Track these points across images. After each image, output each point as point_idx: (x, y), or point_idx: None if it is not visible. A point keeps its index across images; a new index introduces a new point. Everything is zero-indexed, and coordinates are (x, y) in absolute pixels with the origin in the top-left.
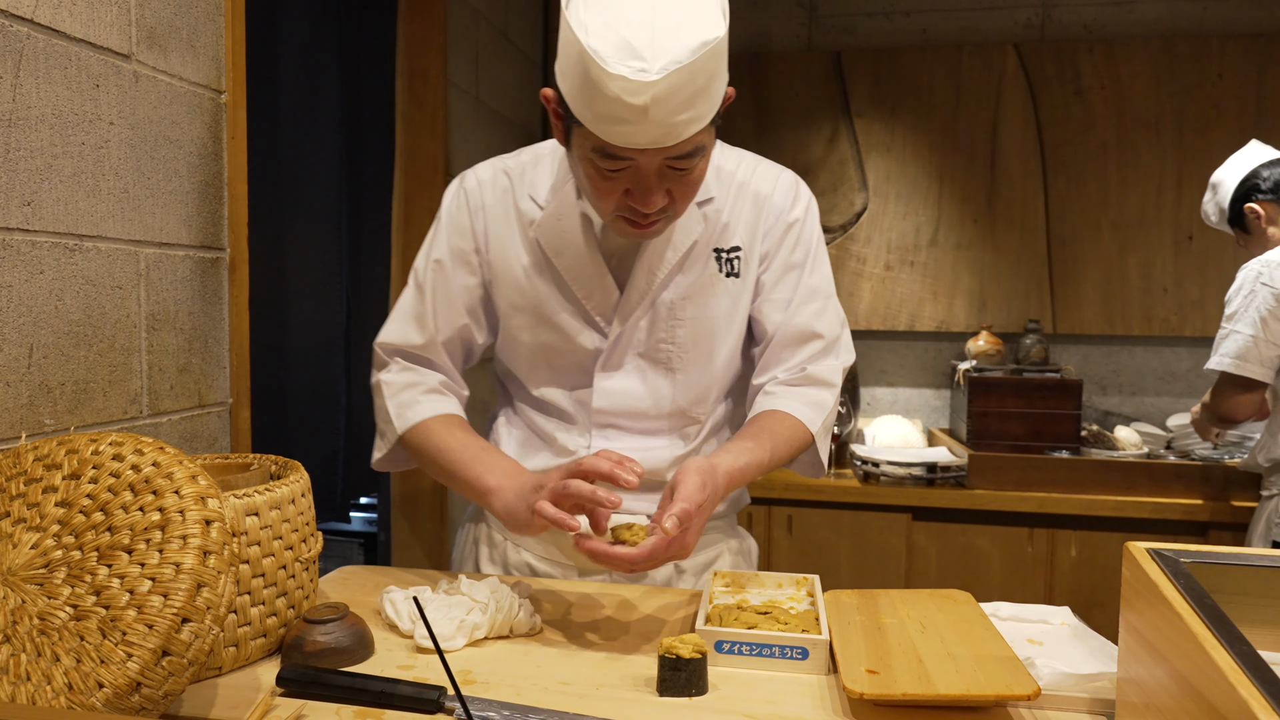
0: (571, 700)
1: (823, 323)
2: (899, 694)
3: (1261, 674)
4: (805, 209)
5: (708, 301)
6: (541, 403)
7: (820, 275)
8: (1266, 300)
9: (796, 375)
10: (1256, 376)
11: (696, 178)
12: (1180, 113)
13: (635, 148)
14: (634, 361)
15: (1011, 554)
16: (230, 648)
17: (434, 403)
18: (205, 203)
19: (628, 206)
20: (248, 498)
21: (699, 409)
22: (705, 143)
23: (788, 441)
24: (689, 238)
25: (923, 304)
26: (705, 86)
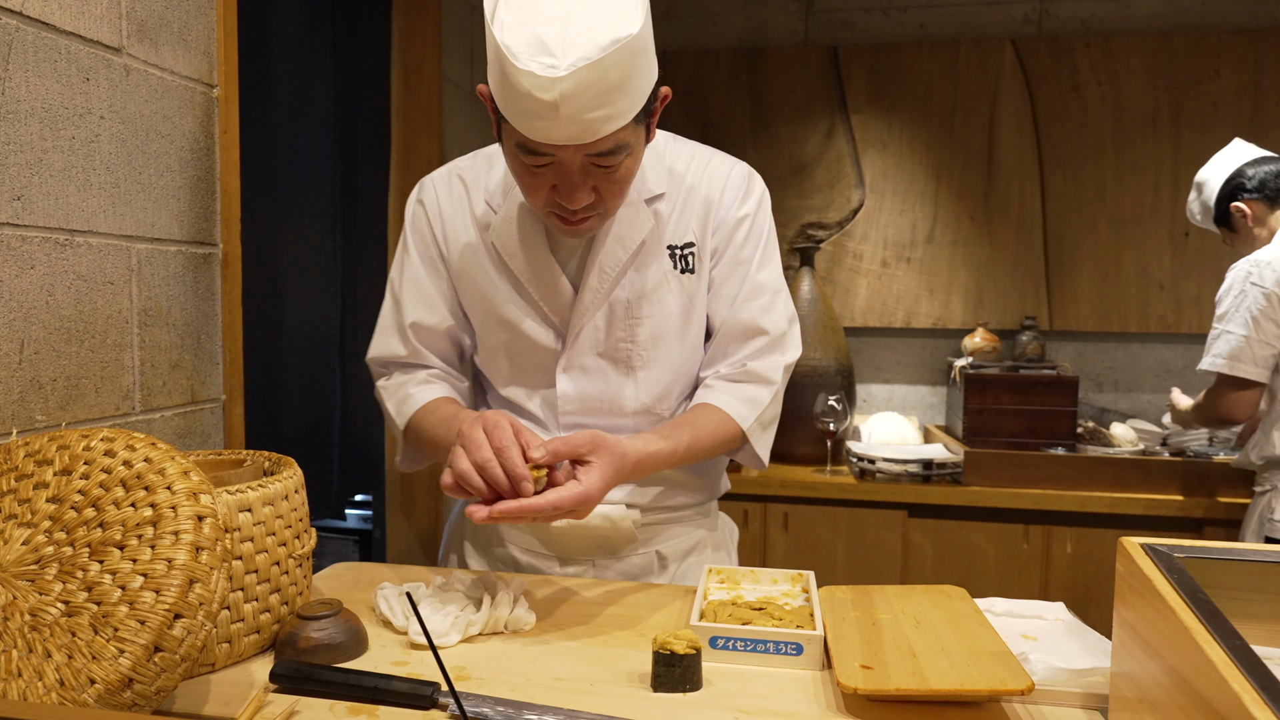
0: (566, 696)
1: (768, 318)
2: (893, 689)
3: (1255, 669)
4: (756, 203)
5: (664, 299)
6: (510, 404)
7: (769, 271)
8: (1257, 300)
9: (737, 370)
10: (1251, 376)
11: (623, 176)
12: (1177, 109)
13: (553, 144)
14: (594, 361)
15: (1007, 550)
16: (224, 644)
17: (425, 391)
18: (197, 198)
19: (556, 203)
20: (240, 494)
21: (663, 405)
22: (629, 141)
23: (711, 435)
24: (638, 235)
25: (919, 301)
26: (620, 84)
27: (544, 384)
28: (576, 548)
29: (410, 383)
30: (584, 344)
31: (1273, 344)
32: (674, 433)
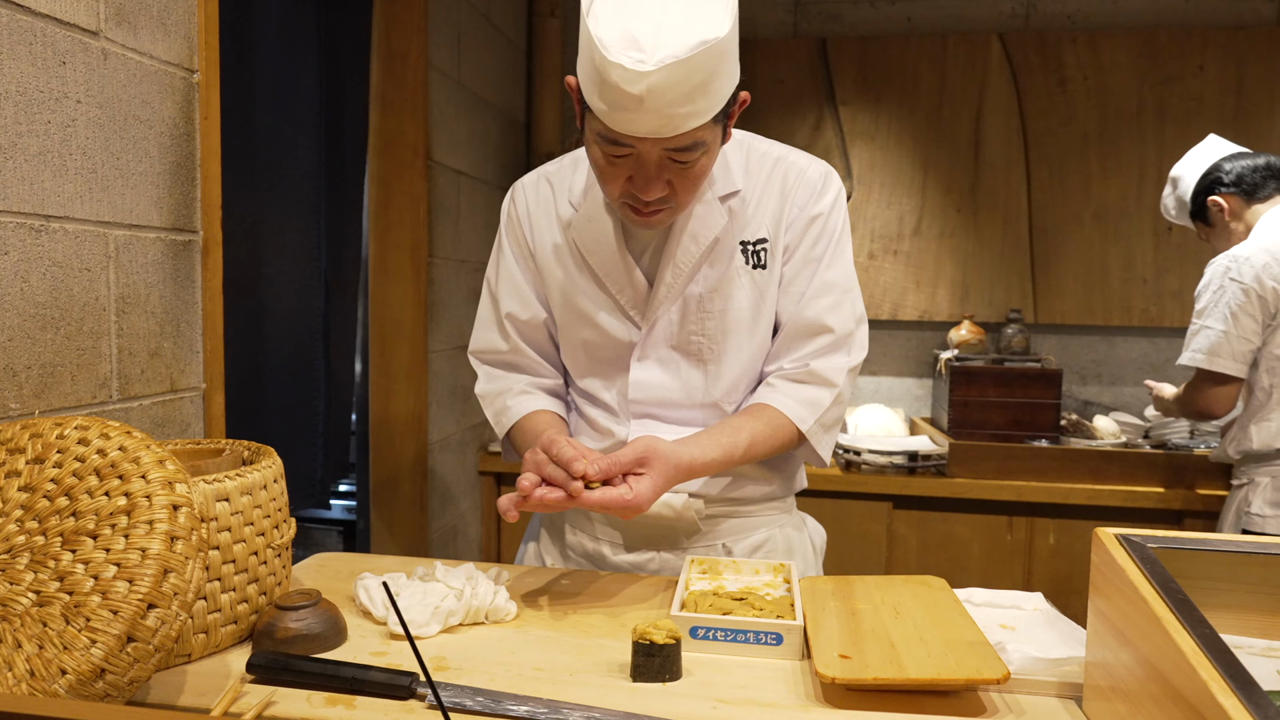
0: (545, 686)
1: (835, 317)
2: (870, 678)
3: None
4: (831, 203)
5: (734, 294)
6: (587, 394)
7: (839, 269)
8: (1236, 295)
9: (799, 370)
10: (1230, 372)
11: (697, 173)
12: (1161, 104)
13: (634, 135)
14: (666, 353)
15: (990, 542)
16: (200, 634)
17: (519, 403)
18: (177, 184)
19: (630, 194)
20: (218, 483)
21: (731, 399)
22: (706, 139)
23: (769, 438)
24: (711, 232)
25: (906, 293)
26: (704, 84)
27: (619, 375)
28: (641, 535)
29: (508, 393)
30: (658, 336)
31: (1250, 339)
32: (732, 437)
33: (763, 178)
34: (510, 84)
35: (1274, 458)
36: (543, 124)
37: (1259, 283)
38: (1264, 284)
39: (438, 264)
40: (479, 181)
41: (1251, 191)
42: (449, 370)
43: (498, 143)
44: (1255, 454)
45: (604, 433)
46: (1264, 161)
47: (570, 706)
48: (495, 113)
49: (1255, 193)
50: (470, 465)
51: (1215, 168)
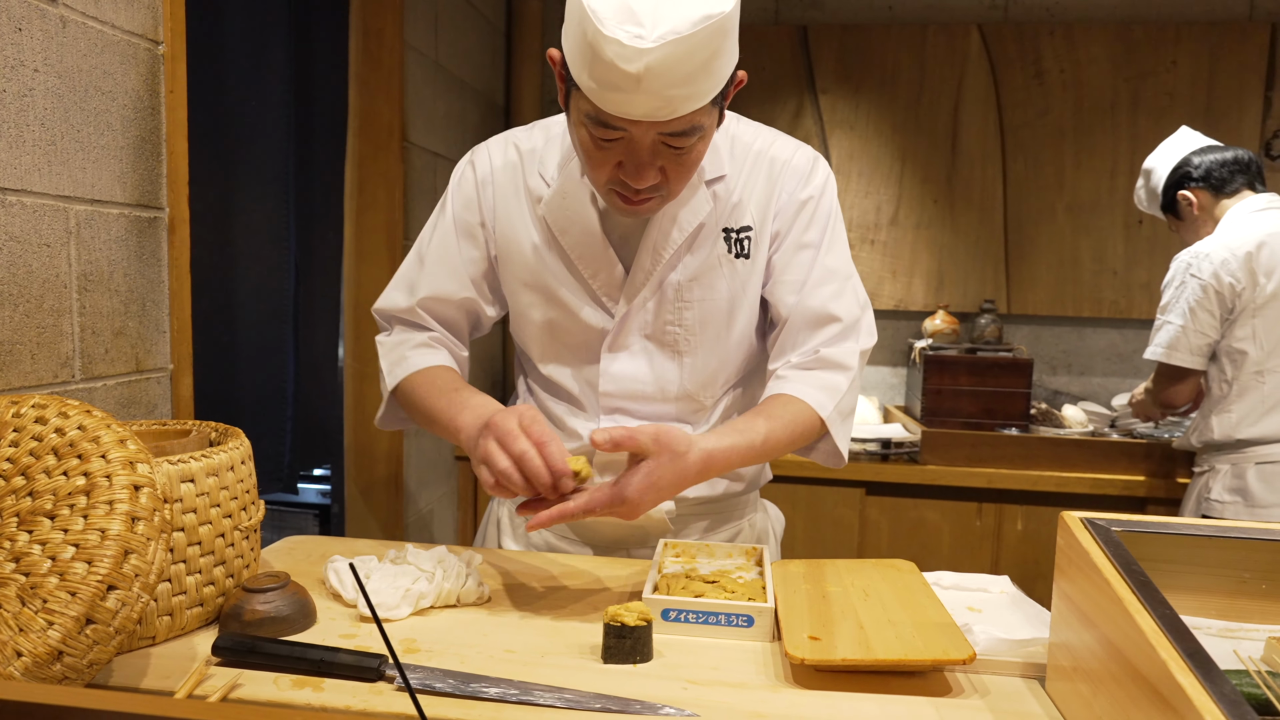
0: (516, 668)
1: (840, 305)
2: (839, 659)
3: (1182, 638)
4: (820, 187)
5: (715, 283)
6: (551, 383)
7: (837, 255)
8: (1195, 291)
9: (810, 358)
10: (1186, 365)
11: (693, 159)
12: (1135, 98)
13: (629, 118)
14: (641, 343)
15: (960, 527)
16: (164, 617)
17: (421, 356)
18: (141, 159)
19: (619, 180)
20: (183, 464)
21: (707, 393)
22: (704, 123)
23: (789, 426)
24: (696, 218)
25: (882, 283)
26: (706, 63)
27: (587, 363)
28: (609, 538)
29: (407, 344)
30: (632, 326)
31: (1207, 334)
32: (749, 426)
33: (749, 163)
34: (489, 66)
35: (1234, 447)
36: (522, 107)
37: (1216, 279)
38: (1221, 280)
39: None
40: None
41: (1219, 186)
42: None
43: (476, 125)
44: (1216, 443)
45: (570, 434)
46: (1232, 156)
47: (540, 688)
48: (474, 94)
49: (1223, 187)
50: (446, 450)
51: (1185, 162)
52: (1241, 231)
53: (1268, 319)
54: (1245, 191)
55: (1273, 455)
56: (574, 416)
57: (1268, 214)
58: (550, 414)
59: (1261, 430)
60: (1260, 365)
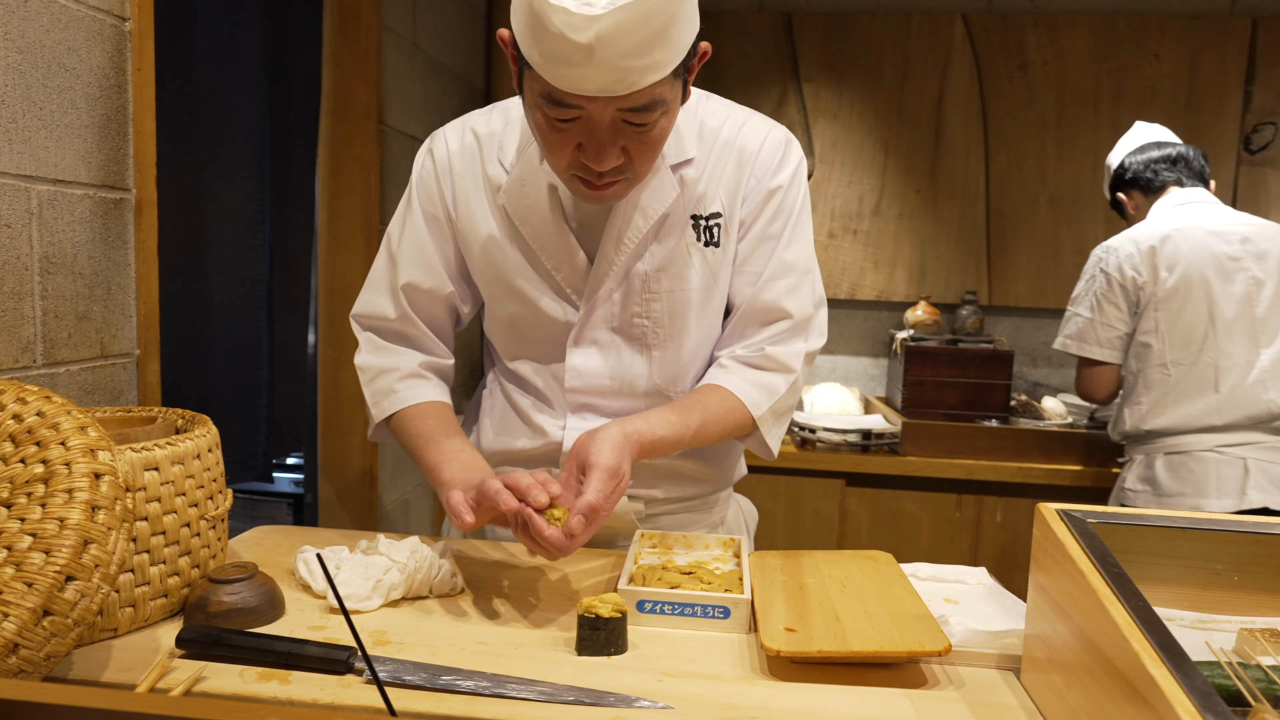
0: (489, 660)
1: (793, 301)
2: (815, 651)
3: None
4: (791, 174)
5: (684, 273)
6: (518, 378)
7: (798, 250)
8: (1102, 284)
9: (754, 354)
10: (1097, 357)
11: (656, 136)
12: (1118, 90)
13: (583, 94)
14: (608, 337)
15: (940, 518)
16: (127, 608)
17: (409, 390)
18: (107, 139)
19: (580, 164)
20: (146, 452)
21: (676, 388)
22: (665, 96)
23: (720, 420)
24: (662, 204)
25: (864, 273)
26: (662, 30)
27: (553, 359)
28: None
29: (395, 373)
30: (598, 318)
31: (1115, 326)
32: (683, 417)
33: (718, 145)
34: (469, 49)
35: (1144, 438)
36: (502, 90)
37: (1120, 272)
38: (1124, 273)
39: None
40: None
41: (1146, 185)
42: None
43: (455, 109)
44: (1130, 435)
45: (536, 430)
46: (1160, 154)
47: (513, 680)
48: (453, 78)
49: (1149, 186)
50: None
51: (1122, 165)
52: (1151, 225)
53: (1170, 312)
54: (1172, 188)
55: (1179, 446)
56: (540, 412)
57: (1184, 209)
58: (517, 408)
59: (1167, 421)
60: (1163, 358)
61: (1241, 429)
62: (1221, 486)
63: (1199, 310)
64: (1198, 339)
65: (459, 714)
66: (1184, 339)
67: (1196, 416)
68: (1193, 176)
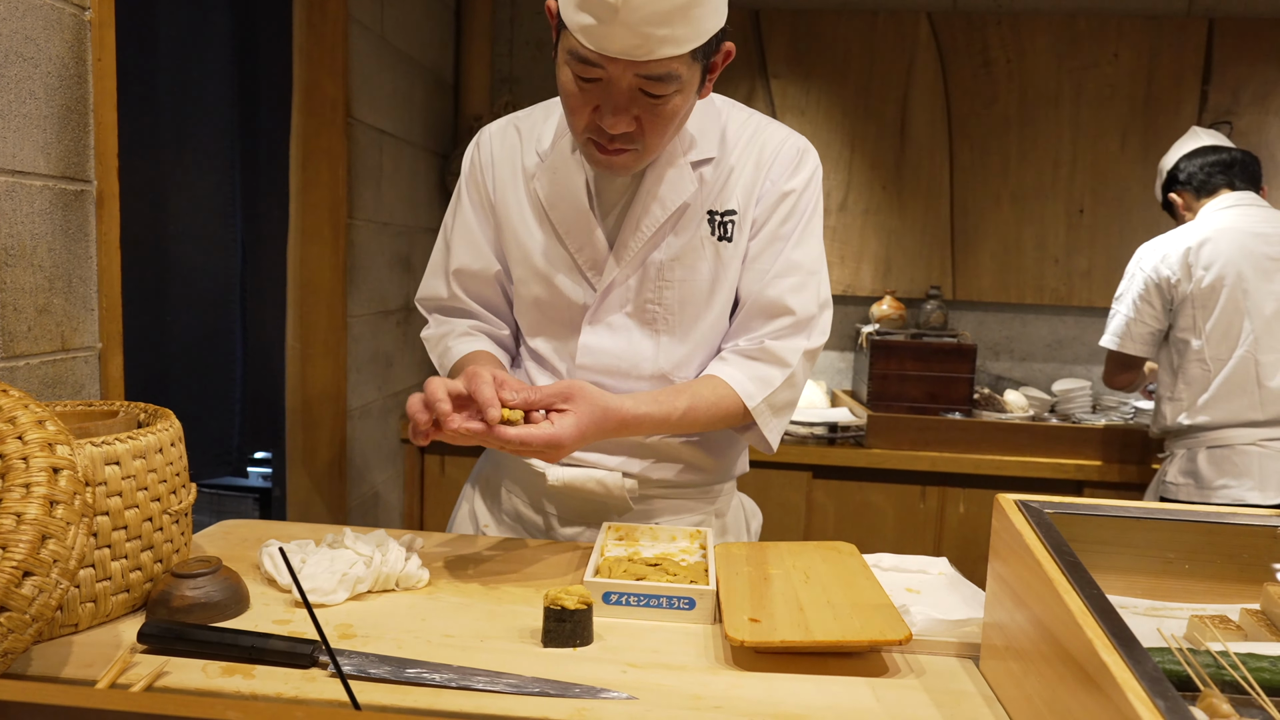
0: (454, 653)
1: (797, 299)
2: (778, 641)
3: (1108, 617)
4: (806, 180)
5: (697, 264)
6: (537, 355)
7: (806, 250)
8: (1140, 284)
9: (753, 346)
10: (1132, 352)
11: (668, 112)
12: (1078, 89)
13: (605, 54)
14: (620, 319)
15: (904, 510)
16: (88, 604)
17: (462, 344)
18: (67, 130)
19: (596, 127)
20: (107, 446)
21: (680, 373)
22: (681, 73)
23: (710, 407)
24: (679, 197)
25: (831, 268)
26: (685, 8)
27: (570, 338)
28: (572, 508)
29: (450, 335)
30: (613, 301)
31: (1149, 323)
32: (670, 398)
33: (739, 148)
34: (438, 44)
35: (1185, 433)
36: (472, 86)
37: (1155, 272)
38: (1159, 273)
39: (358, 226)
40: (403, 142)
41: (1199, 187)
42: (369, 336)
43: (424, 103)
44: (1170, 429)
45: None
46: (1215, 158)
47: (479, 673)
48: (422, 72)
49: (1202, 188)
50: (391, 433)
51: (1175, 166)
52: (1193, 227)
53: (1207, 310)
54: (1223, 191)
55: (1222, 439)
56: None
57: (1229, 211)
58: (532, 381)
59: (1209, 416)
60: (1202, 354)
61: None
62: (1264, 480)
63: (1236, 307)
64: (1236, 335)
65: (424, 706)
66: (1222, 335)
67: (1238, 411)
68: (1246, 180)
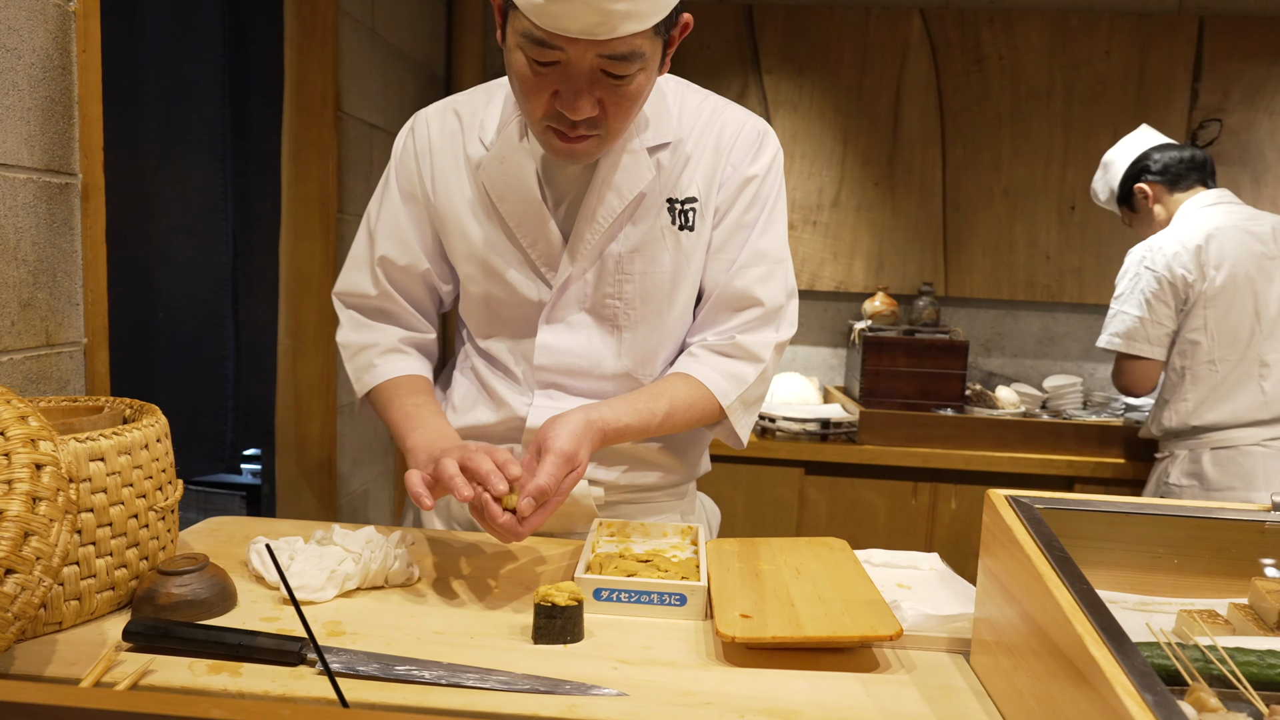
0: (444, 650)
1: (765, 289)
2: (769, 637)
3: (1098, 612)
4: (768, 164)
5: (658, 255)
6: (488, 355)
7: (772, 238)
8: (1150, 284)
9: (725, 343)
10: (1147, 354)
11: (633, 92)
12: (1070, 86)
13: (565, 34)
14: (579, 316)
15: (897, 506)
16: (72, 601)
17: (389, 364)
18: (51, 122)
19: (556, 113)
20: (91, 442)
21: (645, 371)
22: (644, 50)
23: (688, 408)
24: (636, 185)
25: (823, 264)
26: None
27: (525, 337)
28: None
29: (376, 349)
30: (570, 298)
31: (1164, 324)
32: (650, 403)
33: (696, 131)
34: (429, 36)
35: (1189, 434)
36: (463, 79)
37: (1170, 271)
38: (1174, 272)
39: (348, 220)
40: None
41: (1174, 181)
42: None
43: (415, 97)
44: (1172, 431)
45: (500, 403)
46: (1189, 154)
47: (468, 670)
48: (413, 65)
49: (1178, 182)
50: (382, 429)
51: (1145, 156)
52: (1192, 226)
53: (1217, 310)
54: (1198, 188)
55: (1227, 440)
56: (508, 389)
57: (1216, 209)
58: (485, 385)
59: (1215, 417)
60: (1212, 355)
61: None
62: (1270, 480)
63: (1245, 307)
64: (1244, 336)
65: (413, 704)
66: (1231, 336)
67: (1243, 412)
68: (1211, 179)
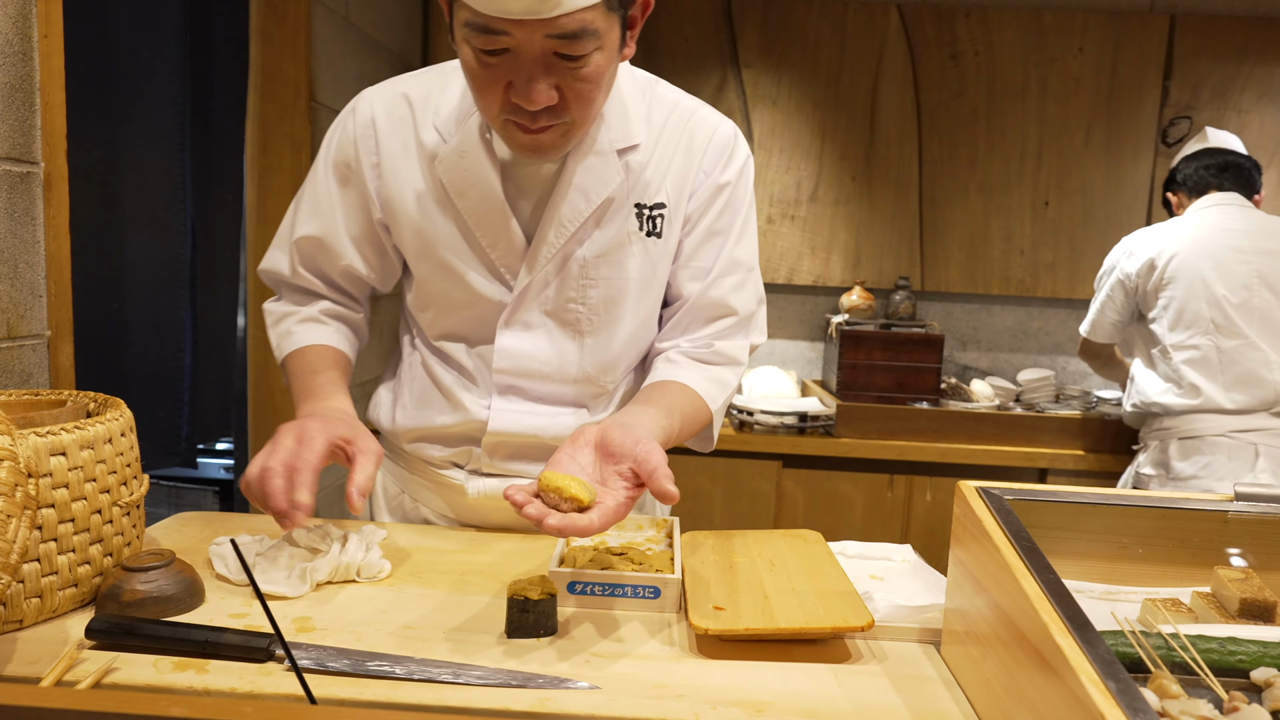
0: (416, 644)
1: (739, 298)
2: (742, 629)
3: (1064, 601)
4: (739, 170)
5: (624, 261)
6: (442, 355)
7: (745, 246)
8: (1113, 276)
9: (704, 350)
10: (1099, 339)
11: (591, 75)
12: (1044, 83)
13: (508, 16)
14: (540, 320)
15: (873, 499)
16: (33, 599)
17: (306, 332)
18: (12, 109)
19: (513, 106)
20: (52, 436)
21: (608, 377)
22: (597, 27)
23: (692, 420)
24: (605, 189)
25: (801, 258)
26: None
27: (482, 340)
28: (496, 522)
29: (294, 317)
30: (531, 301)
31: (1114, 315)
32: (668, 420)
33: (666, 133)
34: (405, 26)
35: (1157, 420)
36: None
37: (1119, 264)
38: (1123, 268)
39: None
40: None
41: (1194, 190)
42: None
43: None
44: (1138, 416)
45: (459, 407)
46: (1211, 161)
47: (440, 665)
48: (388, 55)
49: (1195, 190)
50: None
51: (1175, 168)
52: (1168, 222)
53: (1168, 300)
54: (1212, 193)
55: (1192, 430)
56: (464, 390)
57: (1208, 210)
58: (439, 384)
59: (1171, 400)
60: (1164, 341)
61: (1252, 413)
62: (1233, 471)
63: (1198, 297)
64: (1202, 325)
65: (383, 699)
66: (1187, 324)
67: (1205, 400)
68: (1237, 184)
